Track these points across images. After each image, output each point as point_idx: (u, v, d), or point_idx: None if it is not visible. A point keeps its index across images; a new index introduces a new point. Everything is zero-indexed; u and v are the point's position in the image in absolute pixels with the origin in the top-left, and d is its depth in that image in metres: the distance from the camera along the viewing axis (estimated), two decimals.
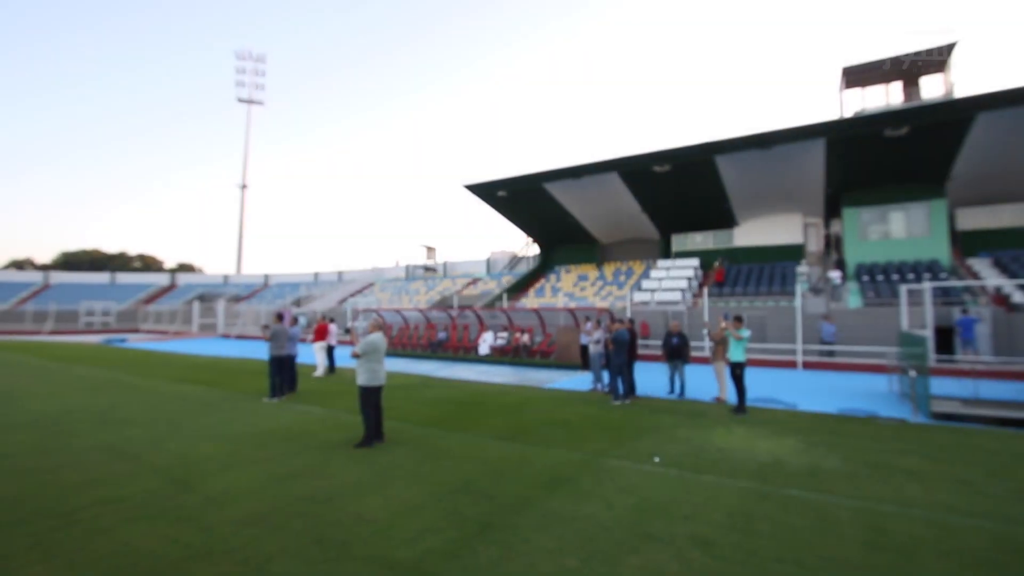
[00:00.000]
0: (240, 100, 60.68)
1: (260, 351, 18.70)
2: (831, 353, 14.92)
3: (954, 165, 18.49)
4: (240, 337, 28.86)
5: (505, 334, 17.30)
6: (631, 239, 29.05)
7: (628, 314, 15.91)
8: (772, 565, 3.35)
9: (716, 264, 23.95)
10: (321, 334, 12.84)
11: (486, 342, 17.30)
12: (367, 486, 4.85)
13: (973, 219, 20.73)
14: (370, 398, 6.35)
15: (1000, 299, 15.40)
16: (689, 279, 22.65)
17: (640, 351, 12.81)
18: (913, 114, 17.41)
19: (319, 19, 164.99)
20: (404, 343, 19.68)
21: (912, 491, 4.73)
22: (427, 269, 40.00)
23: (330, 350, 12.96)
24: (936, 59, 22.93)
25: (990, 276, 17.61)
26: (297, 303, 35.76)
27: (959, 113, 16.50)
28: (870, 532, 3.85)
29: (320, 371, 12.77)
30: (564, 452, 6.02)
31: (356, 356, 6.40)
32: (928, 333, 11.71)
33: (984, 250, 19.62)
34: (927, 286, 13.91)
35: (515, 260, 36.01)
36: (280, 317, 9.62)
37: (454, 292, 30.43)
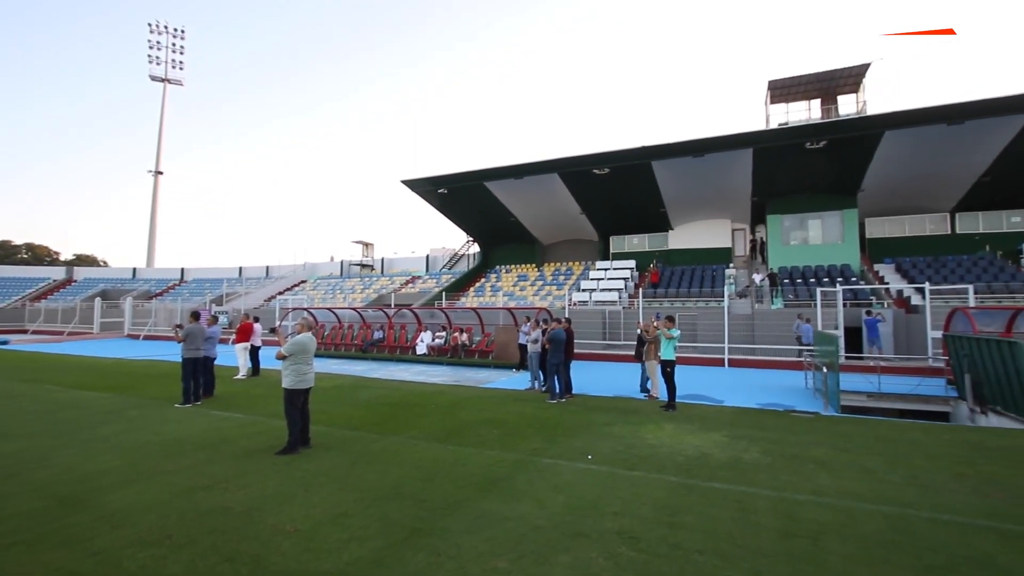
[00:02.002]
0: (153, 78, 56.14)
1: (174, 353, 17.31)
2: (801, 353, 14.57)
3: (864, 178, 20.24)
4: (150, 338, 26.66)
5: (443, 334, 17.06)
6: (571, 240, 29.59)
7: (567, 314, 16.14)
8: (694, 556, 3.44)
9: (652, 266, 24.85)
10: (244, 334, 12.05)
11: (424, 342, 16.99)
12: (288, 495, 4.55)
13: (880, 228, 22.84)
14: (295, 401, 6.00)
15: (901, 301, 17.01)
16: (626, 280, 23.37)
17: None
18: (830, 128, 18.90)
19: None
20: (337, 343, 18.96)
21: (822, 480, 5.05)
22: (363, 266, 38.74)
23: (254, 351, 12.19)
24: (851, 78, 24.98)
25: (893, 280, 19.42)
26: (219, 300, 33.49)
27: (869, 129, 18.08)
28: (784, 520, 4.06)
29: (242, 373, 11.99)
30: (498, 452, 5.95)
31: (281, 357, 6.02)
32: (839, 333, 12.74)
33: (888, 256, 21.67)
34: (839, 289, 15.11)
35: (455, 259, 35.68)
36: (196, 316, 8.91)
37: (392, 290, 29.68)
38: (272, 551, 3.50)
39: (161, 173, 56.57)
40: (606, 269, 25.20)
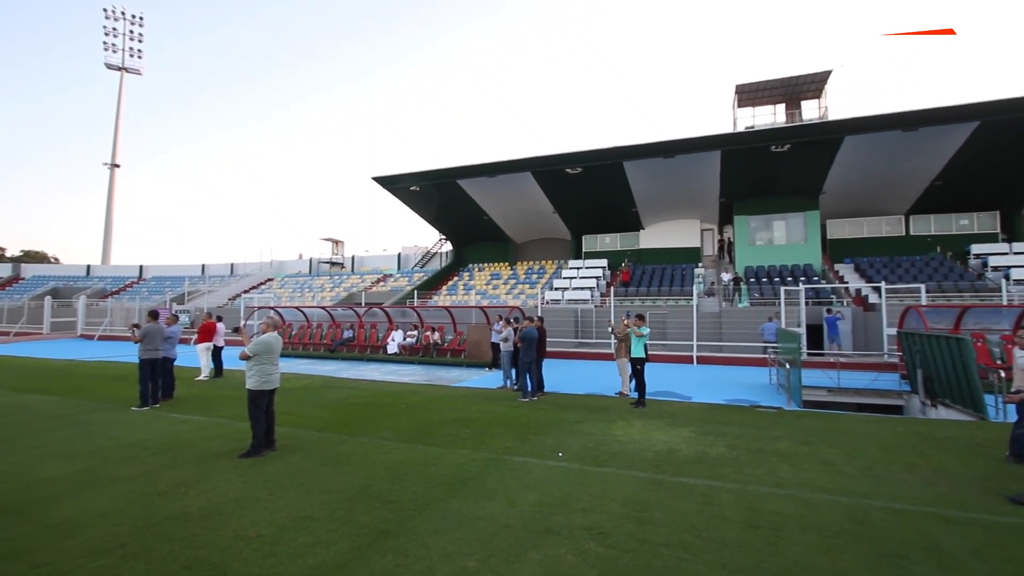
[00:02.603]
0: (109, 66, 53.65)
1: (131, 354, 16.56)
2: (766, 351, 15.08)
3: (826, 181, 20.98)
4: (105, 338, 25.55)
5: (415, 332, 16.90)
6: (544, 239, 29.74)
7: (539, 312, 16.20)
8: (661, 550, 3.49)
9: (623, 265, 25.20)
10: (206, 334, 11.65)
11: (395, 341, 16.79)
12: (251, 499, 4.42)
13: (840, 229, 23.75)
14: (259, 403, 5.83)
15: (859, 300, 17.72)
16: (598, 279, 23.60)
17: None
18: (794, 133, 19.50)
19: None
20: (305, 343, 18.56)
21: (784, 473, 5.20)
22: (333, 264, 38.00)
23: (217, 351, 11.81)
24: (814, 84, 25.79)
25: (852, 279, 20.21)
26: (180, 299, 32.30)
27: (830, 134, 18.73)
28: (747, 512, 4.16)
29: (204, 375, 11.59)
30: (470, 452, 5.92)
31: (245, 358, 5.84)
32: (802, 330, 13.18)
33: (848, 256, 22.55)
34: (801, 288, 15.62)
35: (427, 257, 35.39)
36: (155, 315, 8.55)
37: (362, 289, 29.23)
38: (233, 557, 3.39)
39: (118, 166, 54.18)
40: (578, 268, 25.39)
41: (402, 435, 6.71)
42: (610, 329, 11.98)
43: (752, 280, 20.82)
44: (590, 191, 23.68)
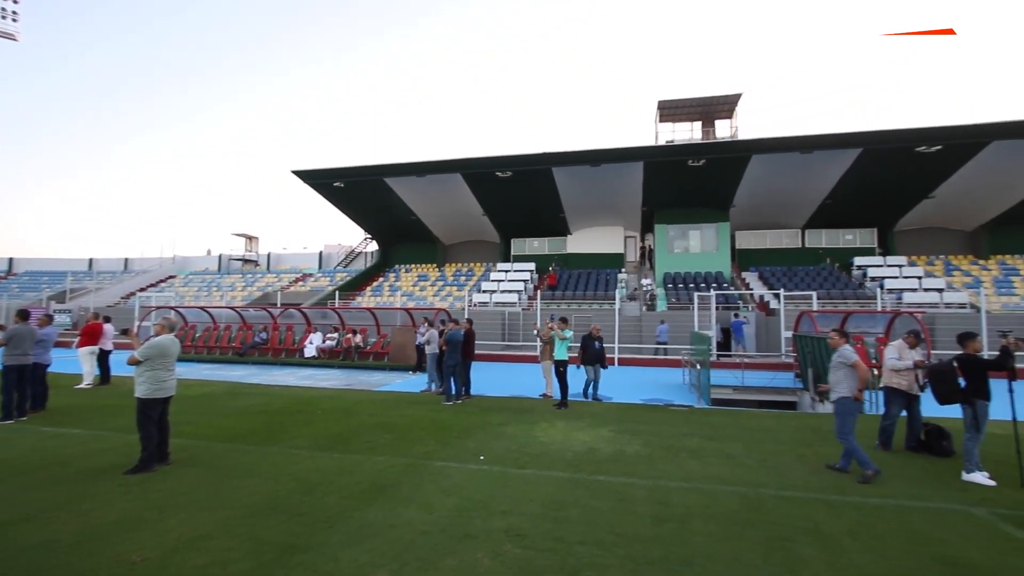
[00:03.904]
0: None
1: None
2: (664, 351, 16.59)
3: (736, 195, 22.69)
4: None
5: (335, 335, 16.19)
6: (473, 241, 29.67)
7: (466, 315, 16.11)
8: (576, 548, 3.55)
9: (551, 269, 25.73)
10: (90, 337, 10.39)
11: (313, 344, 15.99)
12: (137, 520, 3.97)
13: (747, 240, 25.80)
14: (151, 412, 5.27)
15: (762, 305, 19.29)
16: (526, 282, 23.92)
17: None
18: (708, 149, 20.92)
19: None
20: (211, 346, 17.18)
21: (692, 467, 5.52)
22: (246, 262, 35.54)
23: (104, 356, 10.59)
24: (726, 105, 27.80)
25: (757, 287, 21.99)
26: (60, 297, 28.73)
27: (740, 152, 20.30)
28: (658, 507, 4.35)
29: (87, 382, 10.33)
30: (388, 458, 5.73)
31: (134, 362, 5.26)
32: (712, 333, 14.12)
33: (753, 265, 24.53)
34: (712, 294, 16.74)
35: (351, 256, 34.13)
36: (25, 315, 7.50)
37: (279, 288, 27.60)
38: None
39: None
40: (507, 271, 25.59)
41: (316, 443, 6.37)
42: (536, 332, 12.14)
43: (670, 285, 22.06)
44: (520, 195, 23.98)
